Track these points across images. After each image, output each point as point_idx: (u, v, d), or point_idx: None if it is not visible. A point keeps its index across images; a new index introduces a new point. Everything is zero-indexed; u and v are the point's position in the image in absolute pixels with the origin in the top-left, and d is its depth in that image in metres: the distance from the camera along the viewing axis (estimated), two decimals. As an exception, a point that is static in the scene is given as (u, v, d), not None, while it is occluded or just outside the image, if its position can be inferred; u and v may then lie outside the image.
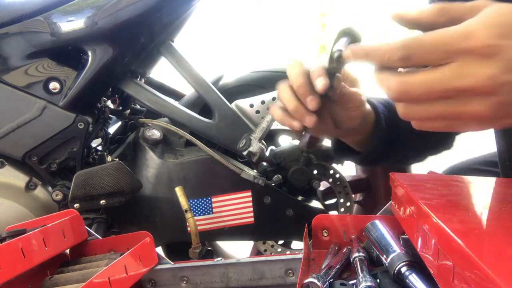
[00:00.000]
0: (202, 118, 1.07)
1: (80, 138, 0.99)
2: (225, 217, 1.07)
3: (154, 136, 1.07)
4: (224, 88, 1.18)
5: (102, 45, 0.97)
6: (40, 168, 0.99)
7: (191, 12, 1.09)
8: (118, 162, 0.98)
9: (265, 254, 1.14)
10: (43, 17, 0.94)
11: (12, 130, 0.96)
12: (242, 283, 0.63)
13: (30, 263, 0.55)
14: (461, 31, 0.37)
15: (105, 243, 0.70)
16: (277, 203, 1.07)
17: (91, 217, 1.01)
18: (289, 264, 0.62)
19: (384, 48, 0.41)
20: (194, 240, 0.95)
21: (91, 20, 0.94)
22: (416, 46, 0.39)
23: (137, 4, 0.94)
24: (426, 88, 0.39)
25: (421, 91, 0.40)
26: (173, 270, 0.64)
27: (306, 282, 0.47)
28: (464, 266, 0.29)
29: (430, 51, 0.38)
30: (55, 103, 0.98)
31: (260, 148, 0.99)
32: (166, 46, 1.08)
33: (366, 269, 0.51)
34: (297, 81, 0.56)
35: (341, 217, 0.65)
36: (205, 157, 1.04)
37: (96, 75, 0.98)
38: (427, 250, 0.39)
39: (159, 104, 1.06)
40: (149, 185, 1.05)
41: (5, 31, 0.94)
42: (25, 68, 0.97)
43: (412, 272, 0.44)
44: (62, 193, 0.99)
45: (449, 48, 0.37)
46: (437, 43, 0.38)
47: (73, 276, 0.59)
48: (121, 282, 0.55)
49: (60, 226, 0.64)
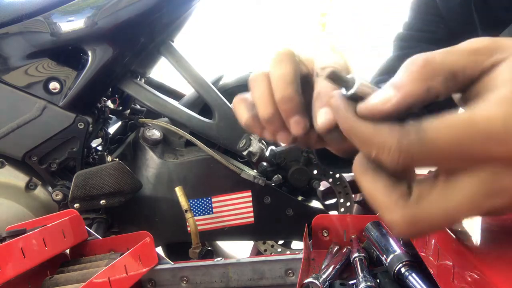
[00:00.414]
0: (202, 118, 1.07)
1: (80, 138, 0.99)
2: (225, 217, 1.07)
3: (154, 136, 1.07)
4: (224, 88, 1.18)
5: (102, 45, 0.97)
6: (40, 168, 0.99)
7: (191, 12, 1.09)
8: (118, 162, 0.98)
9: (265, 254, 1.14)
10: (43, 17, 0.95)
11: (12, 130, 0.96)
12: (242, 283, 0.63)
13: (30, 263, 0.55)
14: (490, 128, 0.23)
15: (105, 243, 0.70)
16: (277, 203, 1.07)
17: (91, 217, 1.01)
18: (289, 264, 0.62)
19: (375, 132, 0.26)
20: (194, 240, 0.95)
21: (91, 20, 0.94)
22: (420, 150, 0.24)
23: (137, 4, 0.94)
24: (450, 219, 0.26)
25: (444, 224, 0.27)
26: (173, 270, 0.64)
27: (306, 282, 0.47)
28: (464, 266, 0.29)
29: (443, 159, 0.25)
30: (55, 103, 0.98)
31: (260, 148, 0.99)
32: (166, 46, 1.08)
33: (366, 269, 0.51)
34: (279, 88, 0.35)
35: (341, 217, 0.65)
36: (205, 157, 1.04)
37: (96, 75, 0.98)
38: (427, 250, 0.39)
39: (159, 104, 1.06)
40: (149, 185, 1.05)
41: (5, 31, 0.94)
42: (25, 68, 0.97)
43: (412, 272, 0.44)
44: (62, 193, 0.99)
45: (472, 154, 0.24)
46: (455, 148, 0.24)
47: (73, 276, 0.59)
48: (121, 282, 0.55)
49: (60, 226, 0.64)
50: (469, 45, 0.26)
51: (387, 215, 0.27)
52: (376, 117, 0.27)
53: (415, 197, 0.26)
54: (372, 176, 0.28)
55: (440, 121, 0.24)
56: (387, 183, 0.28)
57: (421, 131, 0.24)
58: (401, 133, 0.25)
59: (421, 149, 0.24)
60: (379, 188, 0.28)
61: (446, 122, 0.24)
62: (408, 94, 0.26)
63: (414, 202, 0.26)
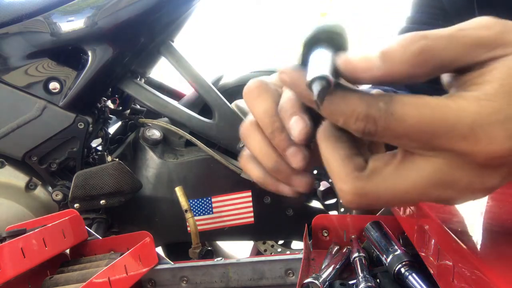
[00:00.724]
0: (202, 118, 1.07)
1: (80, 138, 0.99)
2: (225, 217, 1.07)
3: (154, 136, 1.07)
4: (224, 88, 1.18)
5: (102, 45, 0.97)
6: (40, 168, 0.99)
7: (191, 12, 1.09)
8: (118, 162, 0.98)
9: (265, 254, 1.14)
10: (43, 17, 0.95)
11: (12, 130, 0.96)
12: (242, 283, 0.63)
13: (30, 263, 0.55)
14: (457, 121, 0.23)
15: (105, 243, 0.70)
16: (277, 203, 1.07)
17: (91, 217, 1.01)
18: (289, 264, 0.62)
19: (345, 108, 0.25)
20: (194, 240, 0.95)
21: (91, 20, 0.94)
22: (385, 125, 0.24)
23: (137, 4, 0.94)
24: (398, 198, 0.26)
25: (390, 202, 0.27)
26: (173, 270, 0.64)
27: (306, 282, 0.47)
28: (464, 266, 0.29)
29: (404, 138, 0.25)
30: (55, 103, 0.98)
31: (260, 148, 0.98)
32: (166, 46, 1.08)
33: (366, 269, 0.51)
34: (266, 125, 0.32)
35: (341, 217, 0.65)
36: (205, 157, 1.04)
37: (96, 75, 0.98)
38: (427, 250, 0.39)
39: (159, 104, 1.06)
40: (149, 185, 1.05)
41: (5, 31, 0.94)
42: (25, 68, 0.97)
43: (412, 272, 0.44)
44: (62, 193, 0.99)
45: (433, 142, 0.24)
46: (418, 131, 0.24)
47: (73, 276, 0.59)
48: (121, 282, 0.55)
49: (60, 226, 0.64)
50: (475, 34, 0.24)
51: (338, 183, 0.27)
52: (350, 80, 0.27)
53: (368, 171, 0.26)
54: (333, 144, 0.28)
55: (413, 98, 0.24)
56: (346, 153, 0.27)
57: (392, 104, 0.24)
58: (371, 103, 0.24)
59: (387, 121, 0.24)
60: (337, 157, 0.27)
61: (419, 102, 0.24)
62: (391, 72, 0.25)
63: (366, 175, 0.26)
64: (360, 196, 0.26)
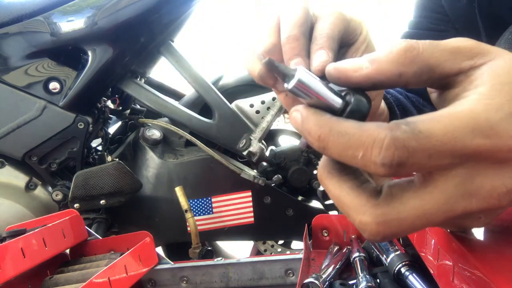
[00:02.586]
0: (202, 118, 1.07)
1: (80, 138, 0.99)
2: (225, 217, 1.07)
3: (154, 136, 1.07)
4: (224, 88, 1.18)
5: (102, 45, 0.97)
6: (40, 168, 0.99)
7: (191, 12, 1.09)
8: (118, 162, 0.98)
9: (265, 254, 1.14)
10: (43, 17, 0.95)
11: (12, 130, 0.96)
12: (242, 283, 0.63)
13: (30, 263, 0.55)
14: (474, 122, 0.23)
15: (105, 243, 0.70)
16: (277, 203, 1.07)
17: (91, 217, 1.01)
18: (289, 264, 0.62)
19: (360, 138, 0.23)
20: (194, 240, 0.95)
21: (91, 20, 0.94)
22: (417, 145, 0.22)
23: (137, 4, 0.94)
24: (423, 222, 0.25)
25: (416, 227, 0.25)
26: (173, 270, 0.64)
27: (306, 282, 0.47)
28: (464, 266, 0.29)
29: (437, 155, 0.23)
30: (55, 103, 0.98)
31: (260, 148, 0.99)
32: (166, 46, 1.08)
33: (366, 269, 0.51)
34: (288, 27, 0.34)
35: (341, 217, 0.65)
36: (205, 157, 1.04)
37: (96, 75, 0.98)
38: (427, 250, 0.39)
39: (159, 104, 1.06)
40: (149, 185, 1.05)
41: (5, 31, 0.94)
42: (25, 68, 0.97)
43: (412, 272, 0.44)
44: (62, 193, 0.99)
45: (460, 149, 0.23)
46: (448, 141, 0.23)
47: (73, 276, 0.59)
48: (121, 282, 0.55)
49: (60, 226, 0.64)
50: (453, 43, 0.26)
51: (356, 217, 0.26)
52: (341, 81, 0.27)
53: (385, 196, 0.25)
54: (338, 179, 0.27)
55: (428, 114, 0.24)
56: (355, 184, 0.26)
57: (415, 124, 0.23)
58: (392, 127, 0.23)
59: (419, 141, 0.22)
60: (346, 190, 0.26)
61: (436, 116, 0.23)
62: (380, 71, 0.25)
63: (384, 200, 0.25)
64: (383, 224, 0.25)
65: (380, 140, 0.22)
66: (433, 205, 0.24)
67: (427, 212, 0.24)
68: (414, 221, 0.25)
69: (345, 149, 0.24)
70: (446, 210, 0.24)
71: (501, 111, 0.23)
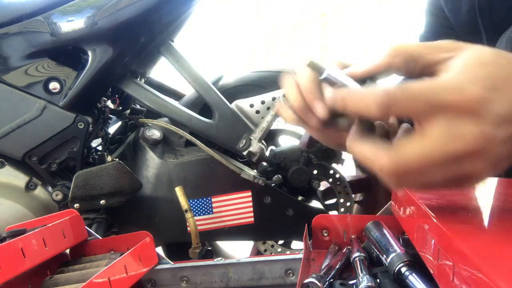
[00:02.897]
0: (202, 118, 1.07)
1: (80, 138, 0.99)
2: (225, 217, 1.07)
3: (154, 136, 1.07)
4: (224, 88, 1.18)
5: (102, 45, 0.97)
6: (40, 168, 0.99)
7: (191, 12, 1.09)
8: (118, 162, 0.98)
9: (265, 254, 1.14)
10: (43, 17, 0.94)
11: (12, 130, 0.96)
12: (242, 283, 0.63)
13: (30, 263, 0.55)
14: (448, 84, 0.33)
15: (105, 243, 0.70)
16: (277, 203, 1.07)
17: (91, 217, 1.01)
18: (289, 264, 0.62)
19: (362, 94, 0.36)
20: (194, 240, 0.95)
21: (91, 20, 0.94)
22: (400, 94, 0.34)
23: (137, 4, 0.94)
24: (424, 160, 0.34)
25: (421, 165, 0.34)
26: (173, 270, 0.64)
27: (306, 282, 0.47)
28: (464, 266, 0.29)
29: (416, 102, 0.33)
30: (55, 103, 0.98)
31: (260, 148, 0.99)
32: (166, 46, 1.08)
33: (366, 269, 0.51)
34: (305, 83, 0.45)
35: (341, 217, 0.65)
36: (205, 157, 1.04)
37: (96, 75, 0.98)
38: (427, 250, 0.39)
39: (159, 104, 1.06)
40: (149, 185, 1.05)
41: (5, 31, 0.94)
42: (25, 68, 0.97)
43: (412, 272, 0.44)
44: (62, 193, 0.99)
45: (436, 100, 0.33)
46: (424, 94, 0.33)
47: (73, 276, 0.59)
48: (121, 282, 0.55)
49: (60, 226, 0.64)
50: (434, 43, 0.37)
51: (377, 163, 0.36)
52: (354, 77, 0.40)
53: (396, 145, 0.35)
54: (361, 141, 0.38)
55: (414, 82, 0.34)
56: (374, 141, 0.37)
57: (400, 85, 0.34)
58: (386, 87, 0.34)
59: (401, 92, 0.34)
60: (368, 147, 0.37)
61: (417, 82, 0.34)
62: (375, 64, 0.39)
63: (395, 148, 0.35)
64: (396, 165, 0.35)
65: (377, 92, 0.35)
66: (428, 147, 0.34)
67: (426, 151, 0.34)
68: (419, 160, 0.34)
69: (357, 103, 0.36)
70: (440, 149, 0.33)
71: (466, 81, 0.33)
